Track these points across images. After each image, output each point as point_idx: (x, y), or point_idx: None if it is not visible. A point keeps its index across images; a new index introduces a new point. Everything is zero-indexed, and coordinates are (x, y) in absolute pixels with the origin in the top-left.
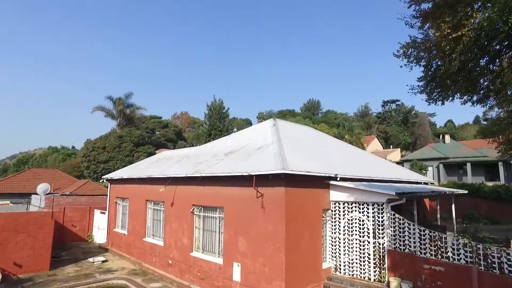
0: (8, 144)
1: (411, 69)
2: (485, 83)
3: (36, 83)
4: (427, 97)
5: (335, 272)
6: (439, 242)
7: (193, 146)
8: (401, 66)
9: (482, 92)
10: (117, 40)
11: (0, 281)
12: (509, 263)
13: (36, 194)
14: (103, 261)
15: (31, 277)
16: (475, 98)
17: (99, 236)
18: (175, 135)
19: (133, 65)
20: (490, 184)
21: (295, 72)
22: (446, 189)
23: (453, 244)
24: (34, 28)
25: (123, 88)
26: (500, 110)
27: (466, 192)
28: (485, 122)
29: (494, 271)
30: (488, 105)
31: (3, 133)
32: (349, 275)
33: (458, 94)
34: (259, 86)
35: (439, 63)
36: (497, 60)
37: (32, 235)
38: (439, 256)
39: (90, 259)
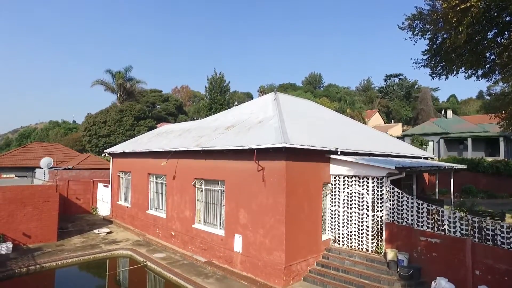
0: (9, 118)
1: (416, 42)
2: (491, 57)
3: (35, 56)
4: (431, 71)
5: (334, 243)
6: (436, 216)
7: (194, 120)
8: (405, 39)
9: (487, 66)
10: (116, 12)
11: (12, 250)
12: (502, 235)
13: (40, 168)
14: (108, 233)
15: (40, 247)
16: (480, 72)
17: (103, 208)
18: (175, 109)
19: (133, 38)
20: (489, 159)
21: (297, 45)
22: (446, 164)
23: (449, 218)
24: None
25: (122, 61)
26: (505, 84)
27: (465, 167)
28: (488, 97)
29: (488, 242)
30: (493, 79)
31: (4, 107)
32: (348, 246)
33: (462, 68)
34: (261, 59)
35: (445, 36)
36: (506, 32)
37: (38, 207)
38: (436, 229)
39: (96, 231)
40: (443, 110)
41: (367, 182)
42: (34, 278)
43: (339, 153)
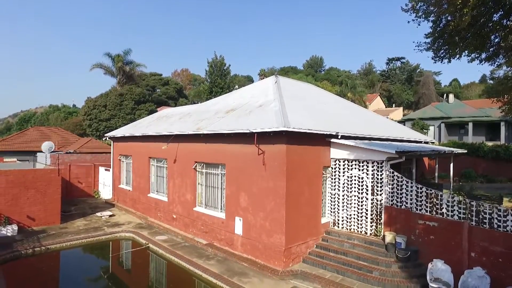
0: (9, 103)
1: (419, 24)
2: (496, 40)
3: (34, 40)
4: (433, 55)
5: (334, 226)
6: (434, 199)
7: (194, 103)
8: (408, 22)
9: (491, 49)
10: None
11: (17, 232)
12: (498, 218)
13: (41, 152)
14: (110, 216)
15: (45, 229)
16: (483, 55)
17: (105, 192)
18: (176, 93)
19: (132, 21)
20: (490, 144)
21: (298, 27)
22: (446, 148)
23: (448, 201)
24: None
25: (121, 44)
26: (509, 68)
27: (465, 151)
28: (491, 81)
29: (484, 226)
30: (497, 63)
31: (4, 91)
32: (347, 229)
33: (466, 51)
34: (261, 42)
35: (449, 18)
36: None
37: (41, 191)
38: (434, 213)
39: (98, 214)
40: (445, 94)
41: (367, 166)
42: (39, 259)
43: (339, 137)
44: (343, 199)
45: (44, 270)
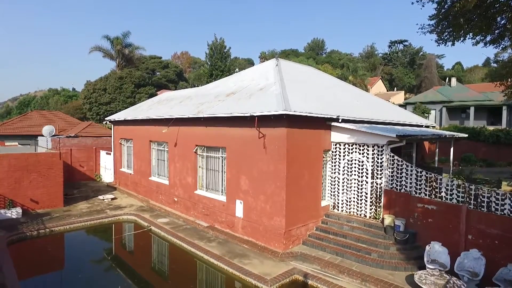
0: (8, 86)
1: (423, 6)
2: (502, 22)
3: (32, 23)
4: (437, 37)
5: (333, 209)
6: (434, 183)
7: (194, 86)
8: (412, 3)
9: (497, 32)
10: None
11: (21, 214)
12: (496, 202)
13: (42, 136)
14: (112, 199)
15: (48, 212)
16: (488, 38)
17: (106, 175)
18: (176, 76)
19: (131, 3)
20: (491, 128)
21: (299, 9)
22: (446, 133)
23: (447, 185)
24: None
25: (120, 28)
26: None
27: (466, 135)
28: (495, 65)
29: (482, 209)
30: (502, 46)
31: (2, 75)
32: (346, 212)
33: (470, 33)
34: (262, 24)
35: None
36: None
37: (43, 174)
38: (433, 196)
39: (100, 197)
40: (447, 78)
41: (368, 150)
42: (44, 241)
43: (340, 120)
44: (343, 183)
45: (49, 251)
